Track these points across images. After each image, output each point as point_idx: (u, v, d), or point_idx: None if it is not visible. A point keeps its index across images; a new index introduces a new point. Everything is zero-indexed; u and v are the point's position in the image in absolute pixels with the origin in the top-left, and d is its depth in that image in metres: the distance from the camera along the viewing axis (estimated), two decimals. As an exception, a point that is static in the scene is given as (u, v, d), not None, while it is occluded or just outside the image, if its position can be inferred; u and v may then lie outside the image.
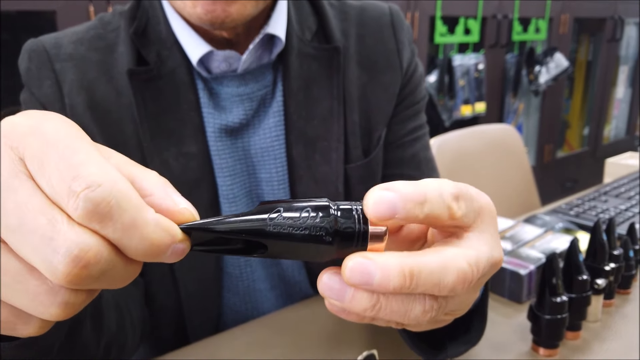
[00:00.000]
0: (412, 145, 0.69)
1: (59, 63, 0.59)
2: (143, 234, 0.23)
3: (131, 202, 0.23)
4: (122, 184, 0.23)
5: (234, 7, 0.51)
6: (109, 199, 0.22)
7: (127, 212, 0.22)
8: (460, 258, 0.28)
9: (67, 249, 0.22)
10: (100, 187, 0.22)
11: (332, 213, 0.28)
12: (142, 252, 0.23)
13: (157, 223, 0.23)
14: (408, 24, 0.71)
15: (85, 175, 0.22)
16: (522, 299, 0.69)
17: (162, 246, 0.24)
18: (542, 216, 0.89)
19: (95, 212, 0.22)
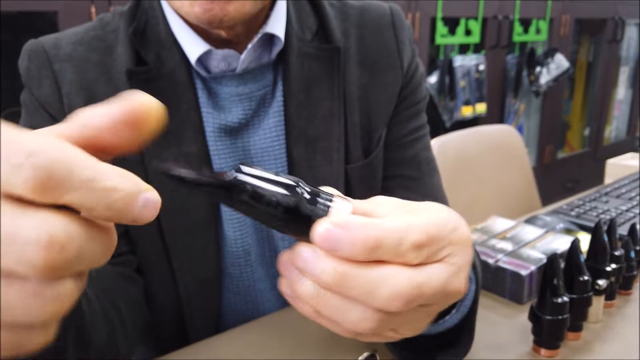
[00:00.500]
0: (413, 146, 0.68)
1: (58, 63, 0.59)
2: (106, 187, 0.21)
3: (81, 156, 0.21)
4: (63, 143, 0.21)
5: (232, 5, 0.51)
6: (57, 159, 0.20)
7: (81, 166, 0.21)
8: (402, 277, 0.29)
9: (35, 239, 0.20)
10: (42, 151, 0.20)
11: (299, 192, 0.29)
12: (112, 210, 0.21)
13: (117, 173, 0.22)
14: (409, 24, 0.71)
15: (23, 145, 0.20)
16: (523, 299, 0.69)
17: (131, 196, 0.22)
18: (543, 217, 0.89)
19: (47, 177, 0.20)
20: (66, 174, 0.20)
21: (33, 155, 0.20)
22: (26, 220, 0.20)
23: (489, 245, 0.76)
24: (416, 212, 0.32)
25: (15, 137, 0.20)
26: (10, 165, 0.20)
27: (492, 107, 2.73)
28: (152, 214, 0.23)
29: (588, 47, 3.42)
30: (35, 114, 0.59)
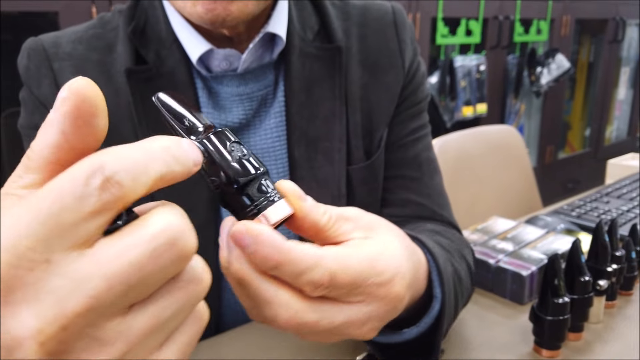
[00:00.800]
0: (414, 146, 0.68)
1: (58, 62, 0.59)
2: (163, 149, 0.23)
3: (127, 152, 0.22)
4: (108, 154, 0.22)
5: (235, 5, 0.51)
6: (122, 168, 0.21)
7: (138, 156, 0.22)
8: (286, 305, 0.31)
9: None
10: (109, 165, 0.21)
11: (253, 173, 0.30)
12: (180, 162, 0.24)
13: (155, 140, 0.24)
14: (410, 23, 0.70)
15: (93, 164, 0.21)
16: (524, 300, 0.69)
17: (178, 145, 0.24)
18: (544, 217, 0.89)
19: (130, 178, 0.21)
20: (136, 165, 0.21)
21: (102, 168, 0.21)
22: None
23: (490, 245, 0.76)
24: (361, 247, 0.33)
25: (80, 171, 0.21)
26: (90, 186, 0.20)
27: (493, 107, 2.73)
28: (198, 153, 0.25)
29: (589, 47, 3.42)
30: (35, 113, 0.59)
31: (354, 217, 0.35)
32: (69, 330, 0.20)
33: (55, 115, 0.22)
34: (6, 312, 0.20)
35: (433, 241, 0.54)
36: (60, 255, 0.20)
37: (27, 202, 0.20)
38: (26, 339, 0.20)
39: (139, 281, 0.21)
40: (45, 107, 0.59)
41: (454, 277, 0.50)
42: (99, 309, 0.20)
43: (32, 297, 0.20)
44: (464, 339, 0.62)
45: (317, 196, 0.64)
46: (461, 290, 0.53)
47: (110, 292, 0.20)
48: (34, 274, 0.20)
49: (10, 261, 0.19)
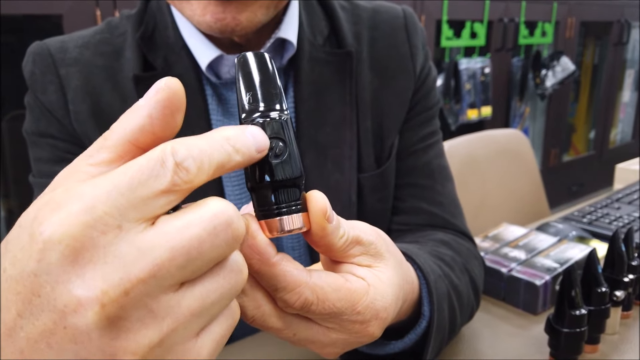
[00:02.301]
0: (426, 153, 0.67)
1: (64, 68, 0.58)
2: (223, 139, 0.25)
3: (192, 141, 0.24)
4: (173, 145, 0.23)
5: (244, 15, 0.50)
6: (188, 154, 0.23)
7: (202, 145, 0.24)
8: (262, 305, 0.31)
9: None
10: (184, 151, 0.23)
11: (286, 177, 0.29)
12: (240, 153, 0.25)
13: (217, 131, 0.25)
14: (422, 27, 0.69)
15: (166, 152, 0.23)
16: (538, 309, 0.68)
17: (239, 135, 0.25)
18: (555, 224, 0.87)
19: (198, 163, 0.23)
20: (202, 154, 0.23)
21: (174, 154, 0.22)
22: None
23: (502, 253, 0.75)
24: (351, 283, 0.33)
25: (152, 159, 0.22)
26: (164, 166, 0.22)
27: (498, 110, 2.71)
28: (264, 139, 0.27)
29: (593, 49, 3.40)
30: (41, 119, 0.58)
31: (366, 243, 0.34)
32: (130, 295, 0.21)
33: (147, 101, 0.24)
34: (71, 271, 0.20)
35: (432, 256, 0.53)
36: (131, 225, 0.21)
37: (109, 174, 0.22)
38: (89, 299, 0.20)
39: (197, 256, 0.22)
40: (51, 112, 0.58)
41: (449, 293, 0.50)
42: (159, 279, 0.21)
43: (101, 259, 0.21)
44: (477, 350, 0.61)
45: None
46: (460, 305, 0.53)
47: (172, 263, 0.21)
48: (106, 237, 0.21)
49: (87, 221, 0.21)
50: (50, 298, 0.20)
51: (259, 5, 0.50)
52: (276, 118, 0.29)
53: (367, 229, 0.35)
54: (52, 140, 0.58)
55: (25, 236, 0.21)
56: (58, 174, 0.24)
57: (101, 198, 0.21)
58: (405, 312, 0.43)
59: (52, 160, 0.58)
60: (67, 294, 0.20)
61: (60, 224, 0.20)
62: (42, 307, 0.21)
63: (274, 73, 0.30)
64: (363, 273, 0.34)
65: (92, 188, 0.21)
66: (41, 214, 0.21)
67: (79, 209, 0.21)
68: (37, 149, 0.59)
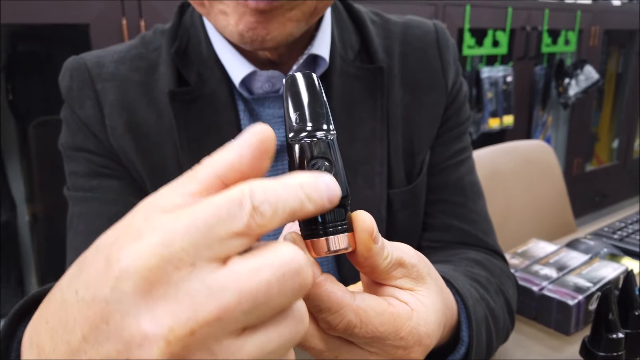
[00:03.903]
0: (457, 169, 0.66)
1: (101, 83, 0.59)
2: (297, 186, 0.25)
3: (271, 184, 0.24)
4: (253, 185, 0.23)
5: (275, 25, 0.50)
6: (269, 197, 0.23)
7: (276, 188, 0.24)
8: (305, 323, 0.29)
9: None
10: (260, 194, 0.23)
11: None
12: (312, 201, 0.25)
13: (294, 176, 0.25)
14: (453, 42, 0.69)
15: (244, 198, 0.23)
16: (571, 330, 0.66)
17: (314, 184, 0.25)
18: (586, 241, 0.86)
19: (272, 209, 0.23)
20: (277, 199, 0.23)
21: (252, 197, 0.23)
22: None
23: (532, 271, 0.74)
24: (394, 307, 0.32)
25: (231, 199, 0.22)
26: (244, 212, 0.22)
27: (520, 119, 2.69)
28: (337, 189, 0.26)
29: (617, 58, 3.35)
30: (78, 134, 0.59)
31: (409, 265, 0.34)
32: (195, 336, 0.21)
33: (241, 142, 0.25)
34: (142, 304, 0.20)
35: (468, 278, 0.52)
36: (204, 263, 0.21)
37: (190, 209, 0.22)
38: (155, 335, 0.20)
39: (263, 302, 0.22)
40: (88, 127, 0.58)
41: (486, 317, 0.49)
42: (224, 322, 0.21)
43: (172, 295, 0.21)
44: (510, 371, 0.60)
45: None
46: (496, 329, 0.52)
47: (239, 307, 0.21)
48: (179, 274, 0.21)
49: (164, 255, 0.21)
50: (118, 327, 0.20)
51: (288, 19, 0.50)
52: (322, 138, 0.29)
53: (410, 251, 0.34)
54: (89, 155, 0.58)
55: (102, 261, 0.21)
56: (95, 186, 0.24)
57: (179, 232, 0.21)
58: (444, 337, 0.42)
59: (88, 174, 0.59)
60: (136, 325, 0.20)
61: (138, 255, 0.21)
62: (108, 335, 0.21)
63: (321, 93, 0.31)
64: (406, 297, 0.34)
65: (172, 221, 0.21)
66: (120, 241, 0.21)
67: (158, 242, 0.21)
68: (73, 162, 0.60)
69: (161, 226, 0.21)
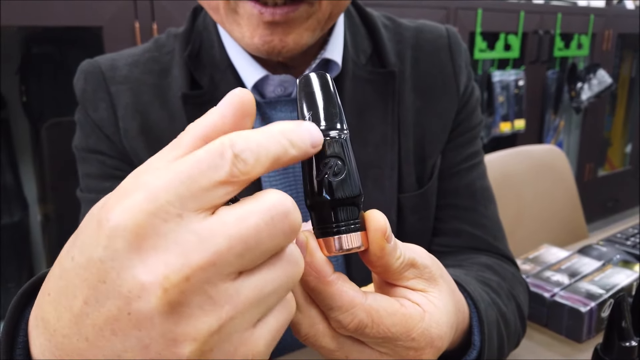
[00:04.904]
0: (468, 174, 0.66)
1: (115, 86, 0.59)
2: (280, 133, 0.25)
3: (245, 134, 0.24)
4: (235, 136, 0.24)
5: (291, 37, 0.50)
6: (246, 147, 0.23)
7: (255, 137, 0.24)
8: (316, 323, 0.32)
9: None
10: (242, 144, 0.24)
11: (345, 195, 0.29)
12: (297, 148, 0.25)
13: (276, 125, 0.25)
14: (465, 46, 0.68)
15: (225, 146, 0.24)
16: (582, 337, 0.66)
17: (297, 129, 0.26)
18: (598, 247, 0.85)
19: (255, 156, 0.24)
20: (259, 146, 0.24)
21: (233, 146, 0.23)
22: None
23: (544, 277, 0.73)
24: (406, 308, 0.32)
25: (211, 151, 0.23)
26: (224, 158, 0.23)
27: (531, 123, 2.67)
28: (319, 135, 0.27)
29: (631, 62, 3.32)
30: (91, 136, 0.59)
31: (421, 266, 0.34)
32: (191, 281, 0.21)
33: (222, 103, 0.25)
34: (136, 257, 0.21)
35: (479, 282, 0.52)
36: (192, 214, 0.22)
37: (172, 165, 0.23)
38: (152, 284, 0.21)
39: (255, 245, 0.23)
40: (101, 129, 0.59)
41: (498, 321, 0.49)
42: (218, 267, 0.22)
43: (162, 246, 0.21)
44: (520, 378, 0.59)
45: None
46: (507, 334, 0.51)
47: (231, 252, 0.22)
48: (167, 225, 0.21)
49: (150, 209, 0.21)
50: (116, 284, 0.21)
51: (305, 28, 0.51)
52: (336, 137, 0.29)
53: (422, 252, 0.34)
54: (102, 157, 0.59)
55: (94, 223, 0.22)
56: (108, 188, 0.25)
57: (163, 187, 0.22)
58: (455, 341, 0.42)
59: (100, 176, 0.59)
60: (132, 279, 0.21)
61: (125, 212, 0.21)
62: (107, 294, 0.21)
63: (335, 93, 0.31)
64: (418, 298, 0.33)
65: (155, 178, 0.22)
66: (109, 202, 0.22)
67: (143, 197, 0.21)
68: (86, 164, 0.60)
69: (145, 183, 0.22)
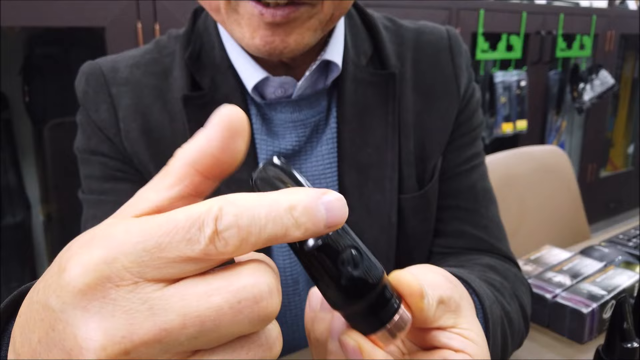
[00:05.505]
0: (469, 175, 0.66)
1: (115, 87, 0.59)
2: (285, 209, 0.22)
3: (247, 199, 0.21)
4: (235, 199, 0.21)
5: (292, 37, 0.50)
6: (237, 213, 0.21)
7: (256, 207, 0.21)
8: None
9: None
10: (224, 212, 0.21)
11: (374, 285, 0.26)
12: (301, 227, 0.22)
13: (285, 193, 0.22)
14: (466, 48, 0.68)
15: (201, 215, 0.21)
16: (584, 338, 0.66)
17: (311, 206, 0.22)
18: (600, 248, 0.85)
19: (243, 232, 0.21)
20: (251, 224, 0.21)
21: (218, 219, 0.20)
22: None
23: (545, 278, 0.73)
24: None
25: (186, 213, 0.21)
26: (202, 233, 0.20)
27: (534, 123, 2.67)
28: (341, 213, 0.23)
29: (633, 63, 3.32)
30: (93, 137, 0.60)
31: (447, 299, 0.33)
32: (130, 356, 0.20)
33: (209, 125, 0.23)
34: (80, 316, 0.20)
35: (482, 280, 0.52)
36: (148, 283, 0.20)
37: (143, 223, 0.20)
38: (88, 351, 0.20)
39: (212, 328, 0.20)
40: (102, 131, 0.59)
41: (502, 319, 0.49)
42: (165, 344, 0.20)
43: (109, 312, 0.20)
44: (521, 379, 0.59)
45: (367, 225, 0.62)
46: (511, 333, 0.51)
47: (182, 331, 0.20)
48: (119, 291, 0.20)
49: (104, 272, 0.20)
50: (61, 337, 0.20)
51: (306, 29, 0.51)
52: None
53: (442, 283, 0.34)
54: (103, 158, 0.59)
55: (56, 267, 0.21)
56: (109, 189, 0.24)
57: (125, 250, 0.20)
58: None
59: (102, 177, 0.59)
60: (73, 339, 0.20)
61: (79, 268, 0.20)
62: (54, 343, 0.20)
63: (300, 176, 0.28)
64: (458, 344, 0.33)
65: (123, 234, 0.20)
66: (74, 248, 0.21)
67: (101, 257, 0.20)
68: (87, 166, 0.60)
69: (111, 238, 0.20)
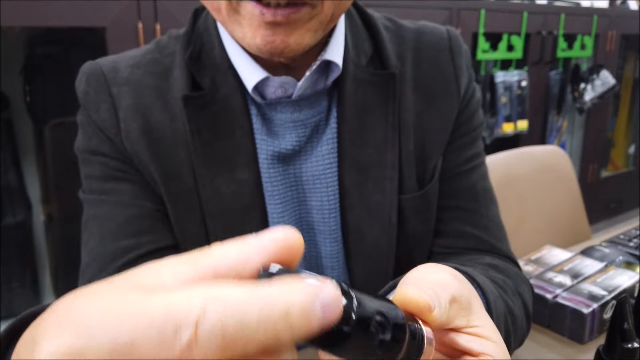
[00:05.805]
0: (470, 175, 0.66)
1: (116, 87, 0.59)
2: (280, 316, 0.19)
3: (238, 296, 0.19)
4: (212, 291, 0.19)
5: (293, 37, 0.50)
6: (221, 320, 0.18)
7: (245, 309, 0.18)
8: None
9: None
10: (206, 313, 0.18)
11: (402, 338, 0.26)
12: (295, 330, 0.19)
13: (277, 292, 0.19)
14: (466, 48, 0.68)
15: (180, 315, 0.18)
16: (585, 339, 0.66)
17: (307, 308, 0.19)
18: (601, 248, 0.85)
19: (228, 339, 0.18)
20: (236, 334, 0.18)
21: (200, 320, 0.18)
22: None
23: (546, 278, 0.73)
24: None
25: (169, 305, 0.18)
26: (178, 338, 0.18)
27: (534, 123, 2.66)
28: (336, 312, 0.20)
29: (634, 63, 3.31)
30: (93, 138, 0.60)
31: (458, 298, 0.33)
32: None
33: (255, 241, 0.21)
34: None
35: (486, 277, 0.52)
36: None
37: (123, 308, 0.19)
38: None
39: None
40: (103, 131, 0.59)
41: (505, 315, 0.49)
42: None
43: None
44: (522, 379, 0.59)
45: (367, 225, 0.62)
46: (514, 329, 0.51)
47: None
48: None
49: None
50: None
51: (307, 29, 0.51)
52: (352, 304, 0.22)
53: (451, 282, 0.34)
54: (103, 158, 0.59)
55: (30, 338, 0.20)
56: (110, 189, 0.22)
57: (96, 342, 0.18)
58: None
59: (102, 177, 0.59)
60: None
61: (46, 349, 0.19)
62: None
63: None
64: (478, 346, 0.33)
65: (100, 319, 0.18)
66: (45, 324, 0.20)
67: (69, 347, 0.18)
68: (88, 166, 0.60)
69: (85, 322, 0.19)
